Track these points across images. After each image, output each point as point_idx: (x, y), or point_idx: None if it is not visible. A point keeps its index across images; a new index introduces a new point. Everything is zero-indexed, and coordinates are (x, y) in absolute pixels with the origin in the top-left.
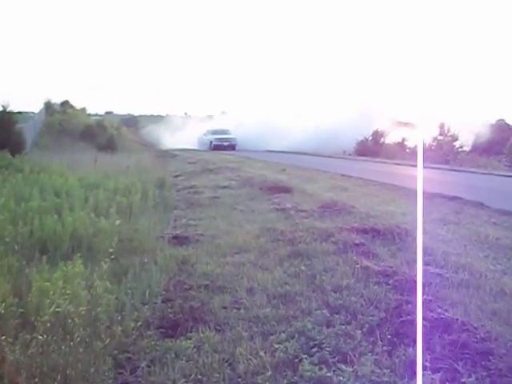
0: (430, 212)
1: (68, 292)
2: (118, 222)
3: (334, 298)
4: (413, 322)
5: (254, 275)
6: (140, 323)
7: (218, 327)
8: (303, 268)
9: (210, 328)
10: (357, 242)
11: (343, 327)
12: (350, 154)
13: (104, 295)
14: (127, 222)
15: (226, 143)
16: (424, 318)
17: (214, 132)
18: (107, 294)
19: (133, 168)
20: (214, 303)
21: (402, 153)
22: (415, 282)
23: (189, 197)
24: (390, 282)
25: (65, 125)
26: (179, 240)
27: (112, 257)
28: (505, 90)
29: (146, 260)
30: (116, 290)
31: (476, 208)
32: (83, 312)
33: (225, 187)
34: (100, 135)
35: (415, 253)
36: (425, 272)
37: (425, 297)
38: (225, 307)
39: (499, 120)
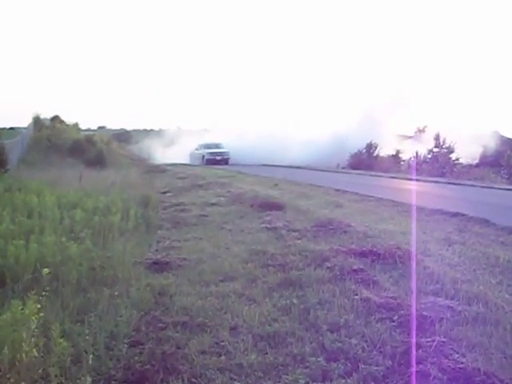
0: (431, 230)
1: (13, 339)
2: (90, 247)
3: (330, 340)
4: (427, 375)
5: (239, 310)
6: (99, 377)
7: (194, 380)
8: (295, 301)
9: (183, 381)
10: (355, 267)
11: (343, 382)
12: (343, 168)
13: (58, 342)
14: (103, 246)
15: (218, 157)
16: (439, 368)
17: (207, 146)
18: (62, 341)
19: (119, 184)
20: (191, 347)
21: (396, 166)
22: (424, 317)
23: (175, 215)
24: (395, 317)
25: (53, 140)
26: (159, 266)
27: (79, 289)
28: (497, 102)
29: (117, 293)
30: (77, 333)
31: (481, 225)
32: (26, 367)
33: (213, 204)
34: (89, 150)
35: (420, 280)
36: (433, 305)
37: (437, 338)
38: (203, 352)
39: (493, 132)
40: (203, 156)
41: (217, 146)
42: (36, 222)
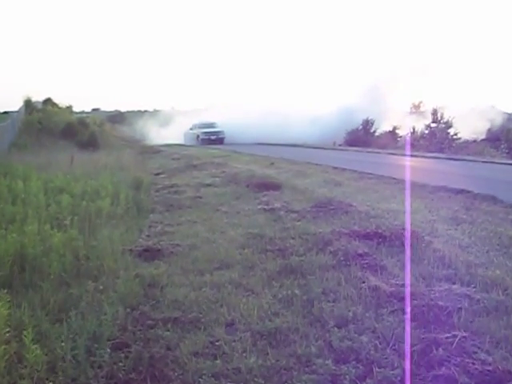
0: (437, 209)
1: None
2: (74, 235)
3: (338, 338)
4: (452, 380)
5: (236, 302)
6: None
7: None
8: (297, 291)
9: None
10: (360, 251)
11: None
12: (340, 145)
13: (32, 349)
14: (90, 233)
15: (213, 137)
16: (464, 370)
17: (201, 126)
18: (36, 348)
19: (111, 166)
20: (182, 349)
21: (393, 142)
22: (440, 308)
23: (168, 197)
24: (408, 309)
25: (45, 123)
26: (150, 254)
27: (62, 283)
28: (495, 76)
29: (102, 287)
30: (54, 336)
31: (488, 203)
32: None
33: (208, 185)
34: (81, 133)
35: (431, 264)
36: (449, 293)
37: (457, 333)
38: (196, 354)
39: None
40: (198, 136)
41: (211, 125)
42: (19, 209)
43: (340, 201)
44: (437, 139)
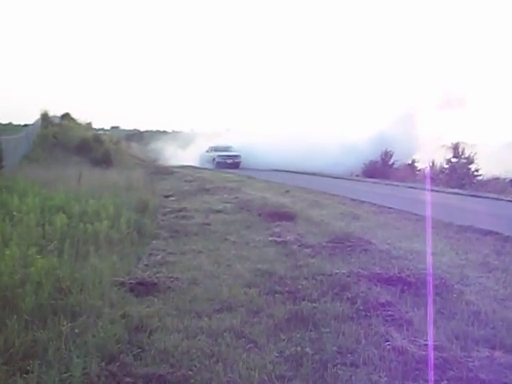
0: (465, 252)
1: None
2: (55, 264)
3: None
4: None
5: (234, 358)
6: None
7: None
8: (308, 349)
9: None
10: (381, 299)
11: None
12: (357, 175)
13: None
14: (79, 260)
15: (229, 160)
16: None
17: (217, 149)
18: None
19: (119, 186)
20: None
21: (412, 175)
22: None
23: (175, 223)
24: (444, 382)
25: (60, 137)
26: (145, 288)
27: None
28: None
29: (77, 330)
30: None
31: None
32: None
33: (218, 211)
34: (96, 149)
35: (465, 321)
36: (491, 362)
37: None
38: None
39: None
40: (213, 159)
41: (228, 148)
42: (6, 228)
43: (358, 237)
44: (457, 174)
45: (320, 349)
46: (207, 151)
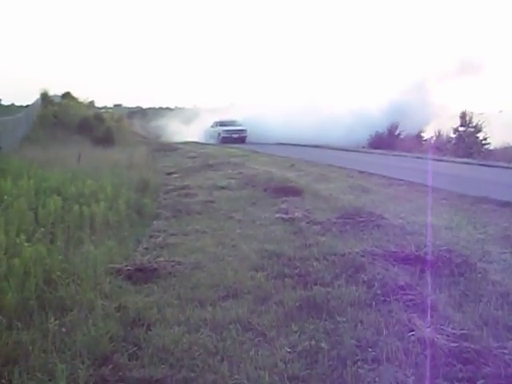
0: (483, 225)
1: None
2: (44, 252)
3: None
4: None
5: (241, 355)
6: None
7: None
8: (323, 343)
9: None
10: (400, 281)
11: None
12: (363, 147)
13: None
14: (73, 247)
15: (235, 135)
16: None
17: (222, 123)
18: None
19: (121, 164)
20: None
21: (418, 145)
22: None
23: (177, 201)
24: (480, 381)
25: (60, 117)
26: (144, 275)
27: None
28: None
29: (64, 329)
30: None
31: None
32: None
33: (223, 188)
34: (97, 128)
35: (493, 304)
36: None
37: None
38: None
39: None
40: (219, 134)
41: (233, 123)
42: None
43: (370, 211)
44: (465, 143)
45: (337, 342)
46: (212, 126)
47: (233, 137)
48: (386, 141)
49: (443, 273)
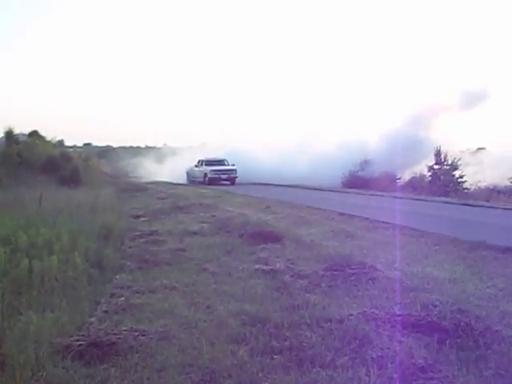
0: (490, 277)
1: None
2: None
3: None
4: None
5: None
6: None
7: None
8: None
9: None
10: (418, 359)
11: None
12: (341, 186)
13: None
14: (11, 315)
15: (223, 176)
16: None
17: (209, 162)
18: None
19: (85, 207)
20: None
21: (392, 184)
22: None
23: (144, 249)
24: None
25: (25, 156)
26: (100, 351)
27: None
28: None
29: None
30: None
31: None
32: None
33: (194, 233)
34: (64, 167)
35: None
36: None
37: None
38: None
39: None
40: (205, 174)
41: (221, 162)
42: None
43: (360, 261)
44: (441, 182)
45: None
46: (196, 166)
47: (221, 178)
48: (360, 179)
49: (466, 345)
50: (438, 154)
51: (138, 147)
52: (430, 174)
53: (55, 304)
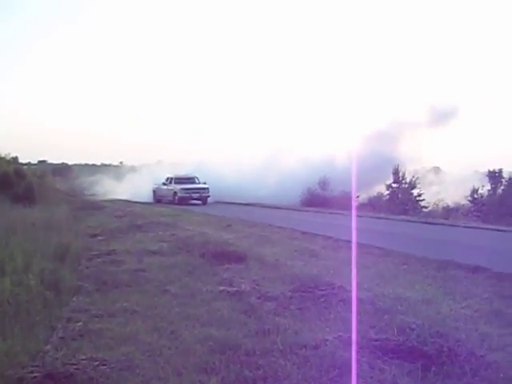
0: (463, 297)
1: None
2: None
3: None
4: None
5: None
6: None
7: None
8: None
9: None
10: None
11: None
12: (304, 205)
13: None
14: None
15: (195, 195)
16: None
17: (178, 180)
18: None
19: (39, 225)
20: None
21: (351, 203)
22: None
23: (102, 270)
24: None
25: None
26: (54, 383)
27: None
28: None
29: None
30: None
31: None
32: None
33: (154, 253)
34: (17, 184)
35: None
36: None
37: None
38: None
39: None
40: (175, 193)
41: (191, 180)
42: None
43: (329, 281)
44: (399, 200)
45: None
46: (165, 184)
47: (192, 197)
48: (319, 198)
49: (451, 372)
50: (396, 172)
51: (93, 165)
52: (388, 192)
53: (7, 331)
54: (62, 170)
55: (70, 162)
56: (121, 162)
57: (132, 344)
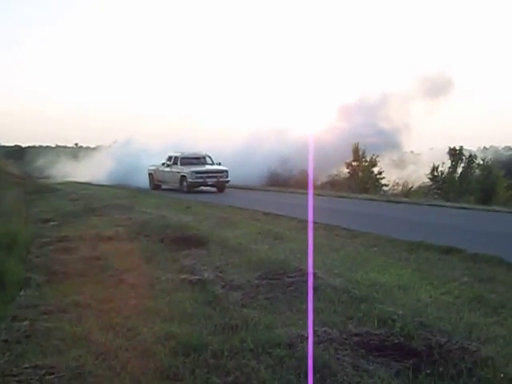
0: (441, 281)
1: None
2: None
3: None
4: None
5: None
6: None
7: None
8: None
9: None
10: None
11: None
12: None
13: None
14: None
15: (210, 180)
16: None
17: (186, 160)
18: None
19: None
20: None
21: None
22: None
23: (53, 259)
24: None
25: None
26: None
27: None
28: None
29: None
30: None
31: (500, 269)
32: None
33: (109, 238)
34: None
35: None
36: None
37: None
38: None
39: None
40: (182, 177)
41: (203, 159)
42: None
43: (297, 267)
44: (359, 179)
45: None
46: (167, 165)
47: (207, 182)
48: (281, 177)
49: (445, 372)
50: (355, 150)
51: (47, 146)
52: (348, 170)
53: None
54: (15, 152)
55: (23, 145)
56: (76, 144)
57: (84, 346)
